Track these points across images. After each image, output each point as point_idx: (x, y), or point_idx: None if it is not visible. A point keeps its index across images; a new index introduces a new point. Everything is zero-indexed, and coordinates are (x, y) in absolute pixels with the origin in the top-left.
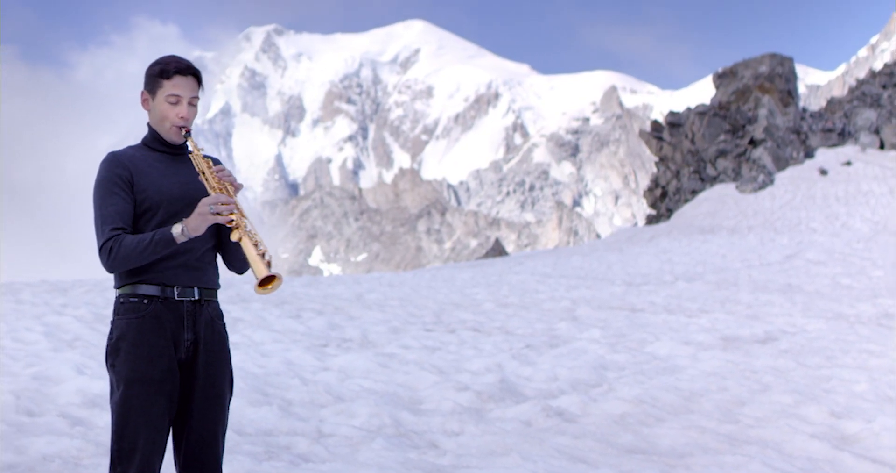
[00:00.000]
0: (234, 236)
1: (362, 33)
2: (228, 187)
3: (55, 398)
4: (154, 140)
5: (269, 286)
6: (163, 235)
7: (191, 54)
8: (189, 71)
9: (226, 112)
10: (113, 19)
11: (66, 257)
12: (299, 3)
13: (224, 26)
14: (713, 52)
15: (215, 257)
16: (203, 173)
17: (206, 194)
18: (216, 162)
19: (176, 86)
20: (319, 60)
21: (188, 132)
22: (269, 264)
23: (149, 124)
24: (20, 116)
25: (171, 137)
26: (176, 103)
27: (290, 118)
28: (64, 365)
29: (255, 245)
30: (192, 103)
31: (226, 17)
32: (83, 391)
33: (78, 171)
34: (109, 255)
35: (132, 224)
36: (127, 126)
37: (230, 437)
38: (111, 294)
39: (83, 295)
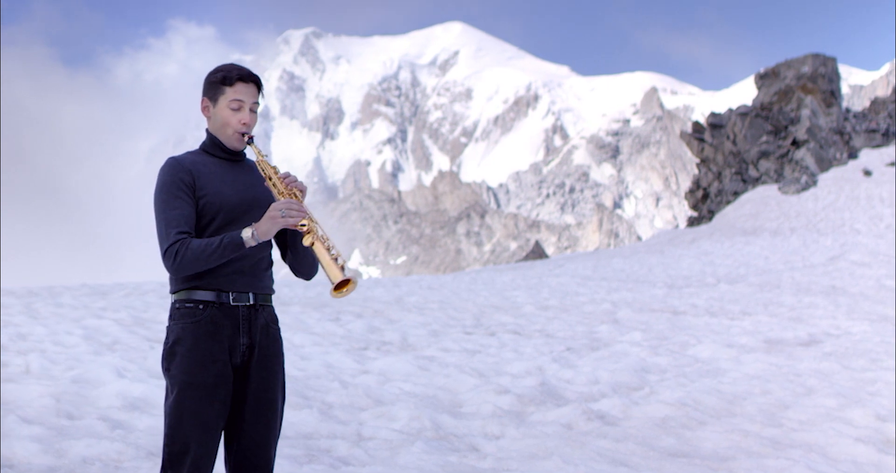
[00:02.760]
0: (306, 241)
1: (401, 36)
2: (297, 193)
3: (95, 401)
4: (213, 146)
5: (345, 290)
6: (232, 239)
7: (229, 58)
8: (251, 78)
9: (264, 115)
10: (149, 22)
11: (107, 261)
12: (337, 6)
13: (262, 30)
14: (755, 53)
15: (271, 263)
16: (270, 179)
17: (266, 200)
18: (286, 175)
19: (238, 92)
20: (358, 63)
21: (251, 138)
22: (342, 268)
23: (208, 130)
24: (62, 120)
25: (233, 143)
26: (238, 109)
27: (328, 121)
28: (104, 368)
29: (328, 250)
30: (253, 109)
31: (264, 20)
32: (123, 394)
33: (118, 174)
34: (175, 258)
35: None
36: (167, 129)
37: None
38: (151, 298)
39: (123, 299)
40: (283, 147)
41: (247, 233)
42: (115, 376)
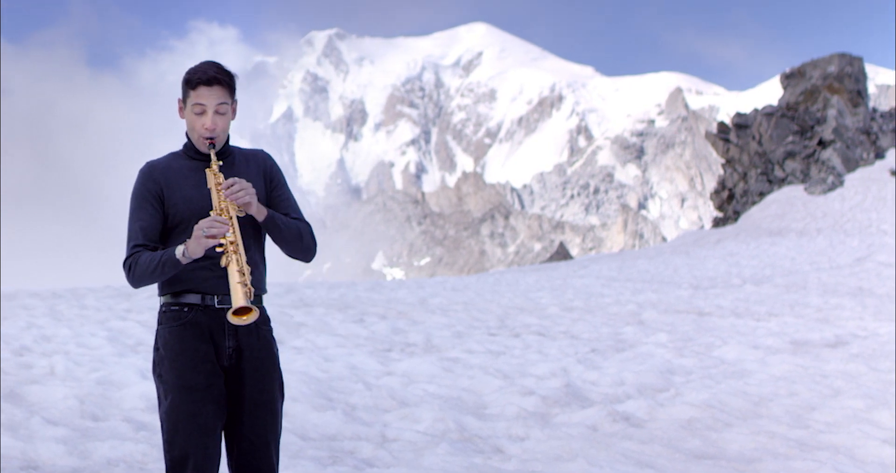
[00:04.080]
0: (222, 262)
1: (424, 37)
2: (229, 207)
3: (119, 402)
4: (190, 149)
5: (245, 318)
6: (168, 256)
7: (252, 59)
8: (213, 81)
9: (288, 117)
10: (170, 24)
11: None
12: (361, 8)
13: (285, 31)
14: (780, 53)
15: (261, 261)
16: (212, 190)
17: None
18: (272, 166)
19: (200, 96)
20: (381, 64)
21: (212, 144)
22: (247, 295)
23: (186, 133)
24: (89, 121)
25: (202, 147)
26: (201, 114)
27: (352, 122)
28: (128, 370)
29: (240, 272)
30: (220, 111)
31: (286, 21)
32: (147, 395)
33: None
34: (129, 272)
35: (163, 237)
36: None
37: (294, 442)
38: None
39: (146, 300)
40: (307, 149)
41: (178, 251)
42: (139, 377)
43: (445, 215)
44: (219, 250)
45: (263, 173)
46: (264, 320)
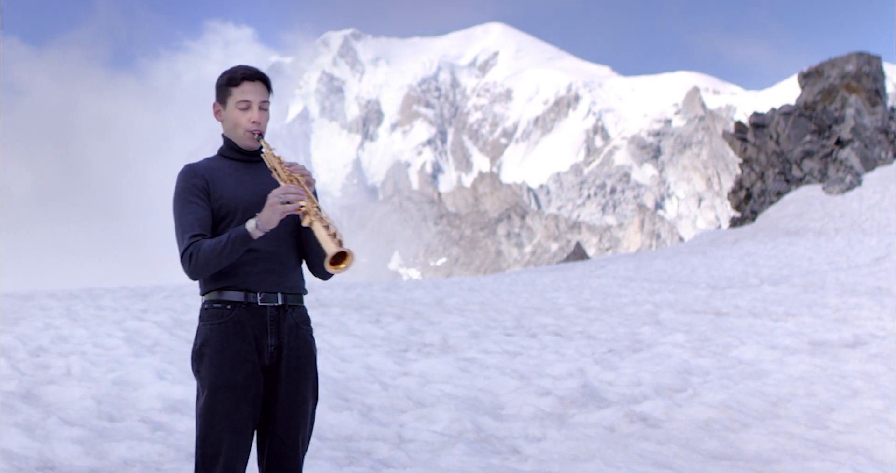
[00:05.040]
0: (304, 221)
1: (440, 37)
2: (298, 178)
3: (136, 403)
4: (229, 149)
5: (342, 266)
6: (238, 233)
7: (268, 59)
8: (256, 76)
9: (304, 117)
10: (185, 24)
11: (146, 263)
12: (377, 8)
13: (301, 31)
14: (798, 52)
15: (300, 262)
16: (275, 169)
17: None
18: (290, 164)
19: (245, 92)
20: (397, 64)
21: (261, 135)
22: (340, 243)
23: (223, 135)
24: (106, 122)
25: (246, 142)
26: (246, 109)
27: (368, 123)
28: (144, 370)
29: (326, 227)
30: (263, 108)
31: (303, 22)
32: (164, 396)
33: (158, 177)
34: (191, 261)
35: (212, 232)
36: (206, 131)
37: (310, 443)
38: (191, 300)
39: (163, 301)
40: (323, 149)
41: (251, 224)
42: (155, 378)
43: (462, 215)
44: (298, 212)
45: None
46: (305, 320)
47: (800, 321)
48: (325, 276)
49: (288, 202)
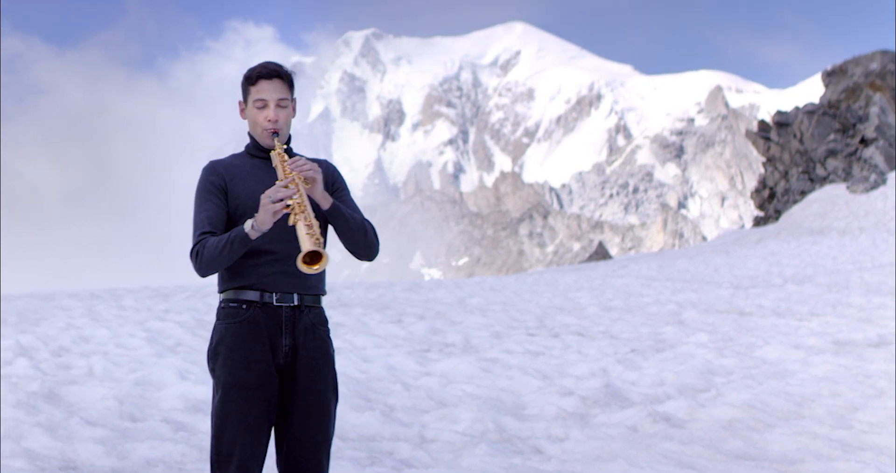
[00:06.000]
0: (290, 220)
1: (462, 36)
2: (296, 177)
3: (158, 403)
4: (254, 147)
5: (316, 266)
6: (237, 232)
7: (290, 59)
8: (273, 74)
9: (325, 117)
10: (206, 24)
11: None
12: (398, 7)
13: (322, 31)
14: (821, 50)
15: None
16: (276, 168)
17: None
18: (334, 172)
19: (261, 90)
20: (419, 64)
21: (276, 133)
22: (316, 242)
23: (248, 133)
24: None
25: (265, 141)
26: (263, 107)
27: (389, 122)
28: (167, 371)
29: (308, 225)
30: (282, 105)
31: (323, 21)
32: (186, 396)
33: (181, 177)
34: (197, 258)
35: (226, 229)
36: (228, 131)
37: (333, 443)
38: (213, 300)
39: (185, 301)
40: (345, 149)
41: (247, 225)
42: (177, 378)
43: (483, 214)
44: (286, 210)
45: (325, 179)
46: (322, 321)
47: (824, 320)
48: (368, 257)
49: (279, 200)
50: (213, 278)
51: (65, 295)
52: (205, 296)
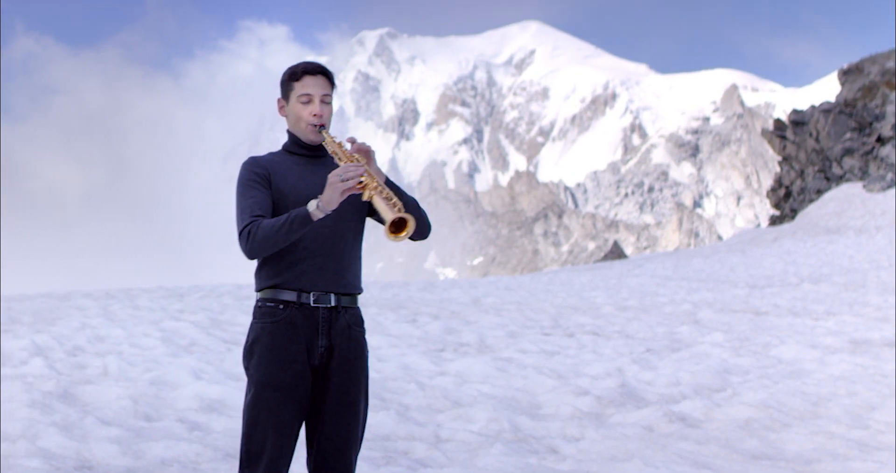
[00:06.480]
0: (364, 196)
1: (476, 35)
2: (358, 157)
3: (173, 402)
4: (293, 144)
5: (402, 233)
6: (298, 213)
7: (304, 58)
8: (317, 70)
9: (339, 116)
10: (220, 24)
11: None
12: (412, 7)
13: (336, 30)
14: (837, 48)
15: (358, 259)
16: (335, 153)
17: None
18: (351, 141)
19: (306, 86)
20: (433, 63)
21: (322, 127)
22: (397, 209)
23: (287, 130)
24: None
25: (309, 136)
26: (308, 102)
27: (404, 122)
28: (181, 370)
29: (386, 198)
30: (325, 101)
31: (337, 21)
32: (200, 395)
33: (194, 176)
34: (248, 238)
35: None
36: (242, 131)
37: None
38: (228, 299)
39: (199, 300)
40: None
41: (312, 205)
42: (192, 377)
43: (498, 214)
44: (359, 188)
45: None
46: (358, 321)
47: (840, 319)
48: (422, 236)
49: (349, 179)
50: (231, 278)
51: (80, 295)
52: (219, 296)
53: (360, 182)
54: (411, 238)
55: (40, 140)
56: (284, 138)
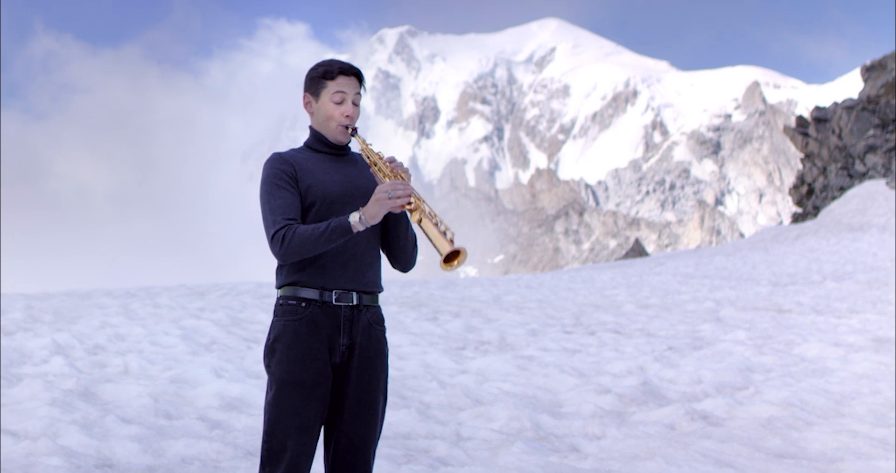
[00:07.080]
0: (413, 218)
1: (497, 33)
2: (402, 175)
3: (193, 401)
4: (317, 141)
5: (455, 262)
6: (339, 223)
7: (323, 56)
8: (352, 71)
9: (360, 114)
10: (239, 22)
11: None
12: (432, 4)
13: (356, 28)
14: (860, 45)
15: (378, 258)
16: (375, 164)
17: (368, 189)
18: (391, 160)
19: (340, 85)
20: (453, 61)
21: (355, 130)
22: (451, 241)
23: (311, 127)
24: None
25: (337, 136)
26: (341, 102)
27: (424, 120)
28: (202, 369)
29: (436, 225)
30: (356, 102)
31: (357, 18)
32: (221, 394)
33: (214, 175)
34: (283, 243)
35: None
36: (262, 129)
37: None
38: (248, 298)
39: (220, 299)
40: (379, 146)
41: (354, 217)
42: (212, 376)
43: (519, 212)
44: (408, 208)
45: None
46: (379, 319)
47: (864, 317)
48: (405, 268)
49: (398, 196)
50: (251, 276)
51: (101, 293)
52: (239, 294)
53: (410, 203)
54: (397, 263)
55: (63, 138)
56: (304, 137)
